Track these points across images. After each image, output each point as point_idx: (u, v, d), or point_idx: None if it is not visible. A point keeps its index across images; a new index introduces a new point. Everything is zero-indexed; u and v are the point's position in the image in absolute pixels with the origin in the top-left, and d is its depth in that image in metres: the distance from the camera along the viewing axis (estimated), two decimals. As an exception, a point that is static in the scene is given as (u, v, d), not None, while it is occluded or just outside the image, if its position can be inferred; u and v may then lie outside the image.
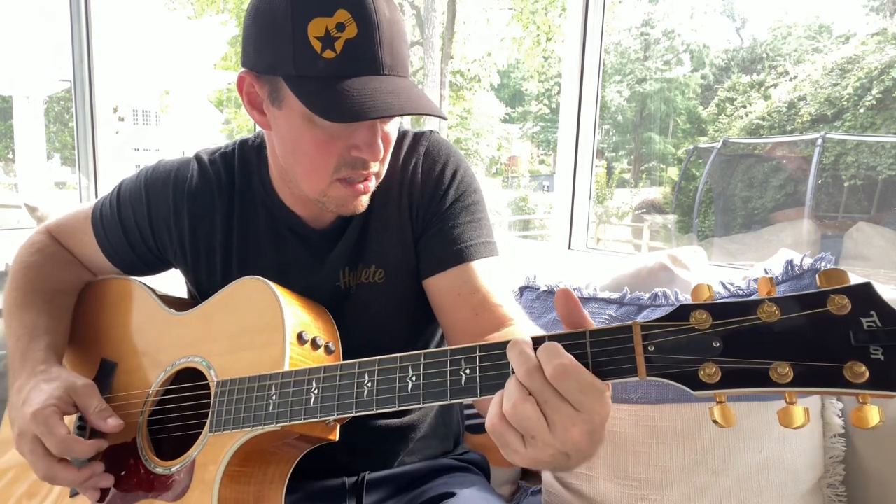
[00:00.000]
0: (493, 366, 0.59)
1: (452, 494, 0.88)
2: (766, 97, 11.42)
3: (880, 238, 7.32)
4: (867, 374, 0.45)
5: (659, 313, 1.22)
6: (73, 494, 0.86)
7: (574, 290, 1.32)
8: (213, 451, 0.75)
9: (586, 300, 1.29)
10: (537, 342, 0.56)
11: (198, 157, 0.96)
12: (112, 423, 0.80)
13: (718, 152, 9.78)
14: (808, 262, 1.08)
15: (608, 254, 1.93)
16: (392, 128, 0.82)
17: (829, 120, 9.43)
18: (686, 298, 1.24)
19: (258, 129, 0.93)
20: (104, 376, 0.93)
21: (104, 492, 0.83)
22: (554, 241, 1.98)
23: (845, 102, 9.25)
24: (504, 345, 0.58)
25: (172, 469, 0.78)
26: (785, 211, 8.88)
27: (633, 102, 16.20)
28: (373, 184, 0.83)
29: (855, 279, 0.48)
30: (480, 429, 1.28)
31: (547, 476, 1.17)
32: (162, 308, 0.92)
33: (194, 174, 0.93)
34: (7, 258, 1.73)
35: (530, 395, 0.54)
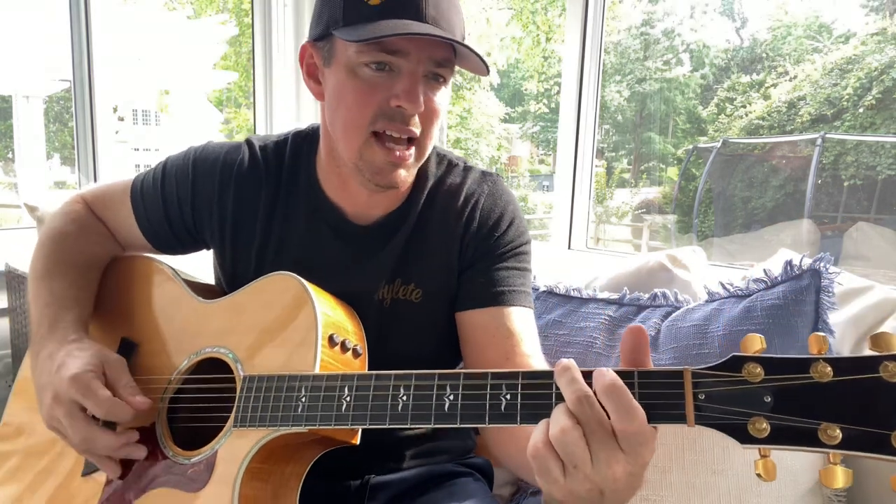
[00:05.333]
0: (535, 394, 0.58)
1: None
2: (766, 97, 11.40)
3: (880, 238, 7.31)
4: None
5: (658, 314, 1.23)
6: (86, 473, 0.85)
7: (573, 290, 1.32)
8: (236, 446, 0.74)
9: (586, 300, 1.29)
10: (586, 373, 0.55)
11: (249, 143, 0.96)
12: (139, 401, 0.79)
13: (718, 152, 9.77)
14: (807, 262, 1.08)
15: (608, 254, 1.93)
16: (441, 99, 0.82)
17: (829, 120, 9.42)
18: (686, 299, 1.24)
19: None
20: (124, 356, 0.91)
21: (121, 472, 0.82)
22: (554, 241, 1.99)
23: (845, 102, 9.24)
24: (549, 374, 0.57)
25: (192, 460, 0.78)
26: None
27: (633, 102, 16.18)
28: (412, 154, 0.82)
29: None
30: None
31: (546, 476, 1.17)
32: (189, 294, 0.92)
33: (244, 159, 0.93)
34: (7, 258, 1.74)
35: (579, 423, 0.53)
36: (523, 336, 0.86)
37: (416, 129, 0.80)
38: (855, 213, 8.54)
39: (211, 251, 1.02)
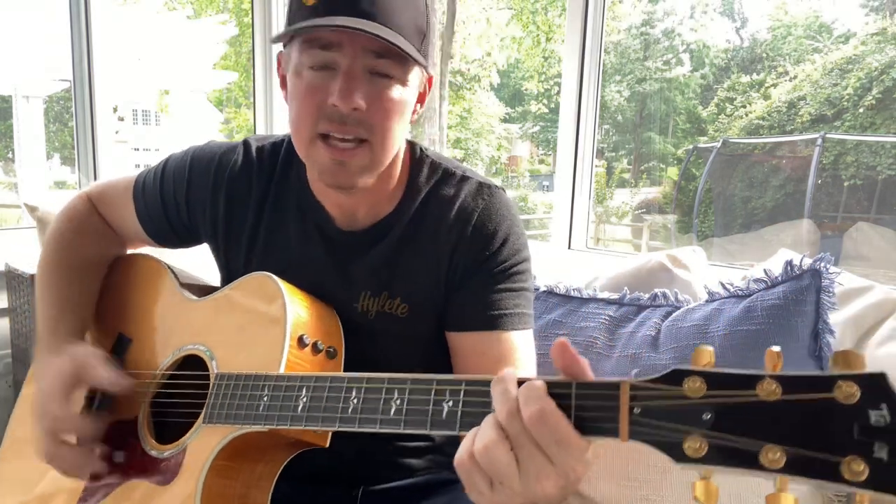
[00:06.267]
0: (476, 402, 0.56)
1: None
2: (766, 97, 11.41)
3: (880, 238, 7.32)
4: (867, 472, 0.41)
5: (659, 313, 1.22)
6: None
7: (573, 290, 1.32)
8: (205, 442, 0.75)
9: (586, 300, 1.29)
10: (523, 381, 0.53)
11: (246, 143, 0.96)
12: (125, 383, 0.82)
13: (718, 152, 9.78)
14: (807, 262, 1.08)
15: (608, 254, 1.93)
16: (396, 95, 0.77)
17: (829, 120, 9.42)
18: (686, 299, 1.24)
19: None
20: (119, 351, 0.96)
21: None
22: (554, 241, 1.98)
23: (845, 102, 9.25)
24: (488, 382, 0.55)
25: (165, 454, 0.80)
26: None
27: (633, 102, 16.18)
28: (361, 155, 0.78)
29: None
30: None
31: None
32: (179, 291, 0.94)
33: (238, 160, 0.94)
34: (7, 258, 1.74)
35: (507, 438, 0.51)
36: (515, 361, 0.83)
37: (361, 130, 0.77)
38: (855, 213, 8.54)
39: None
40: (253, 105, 2.42)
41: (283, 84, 0.86)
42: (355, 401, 0.64)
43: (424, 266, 0.86)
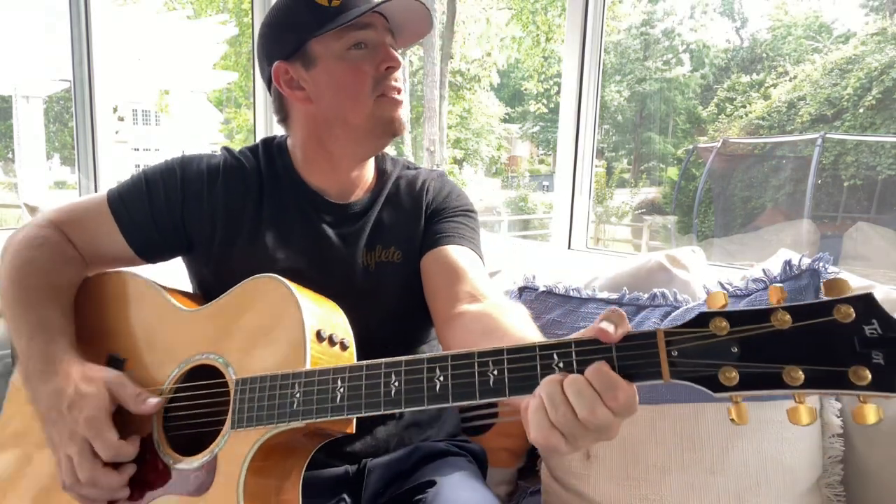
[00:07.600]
0: (520, 368, 0.63)
1: (433, 483, 0.93)
2: (766, 97, 11.42)
3: (880, 238, 7.33)
4: (869, 377, 0.50)
5: (658, 314, 1.23)
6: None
7: (573, 290, 1.32)
8: (236, 447, 0.76)
9: (585, 300, 1.29)
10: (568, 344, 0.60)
11: (226, 148, 1.07)
12: (152, 403, 0.83)
13: (718, 152, 9.79)
14: (806, 262, 1.08)
15: (607, 254, 1.93)
16: (403, 62, 0.99)
17: (829, 120, 9.43)
18: (685, 299, 1.24)
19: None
20: None
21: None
22: (553, 241, 1.99)
23: (845, 102, 9.25)
24: (532, 348, 0.63)
25: (194, 465, 0.79)
26: (777, 211, 8.88)
27: (633, 102, 16.21)
28: (406, 102, 1.00)
29: (858, 283, 0.50)
30: (479, 431, 1.28)
31: (546, 476, 1.18)
32: (171, 303, 0.93)
33: (227, 158, 1.04)
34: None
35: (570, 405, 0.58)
36: (467, 267, 0.96)
37: (401, 83, 0.99)
38: (855, 213, 8.55)
39: (181, 262, 1.06)
40: (253, 105, 2.42)
41: (295, 87, 0.98)
42: (397, 384, 0.67)
43: (406, 218, 1.05)
